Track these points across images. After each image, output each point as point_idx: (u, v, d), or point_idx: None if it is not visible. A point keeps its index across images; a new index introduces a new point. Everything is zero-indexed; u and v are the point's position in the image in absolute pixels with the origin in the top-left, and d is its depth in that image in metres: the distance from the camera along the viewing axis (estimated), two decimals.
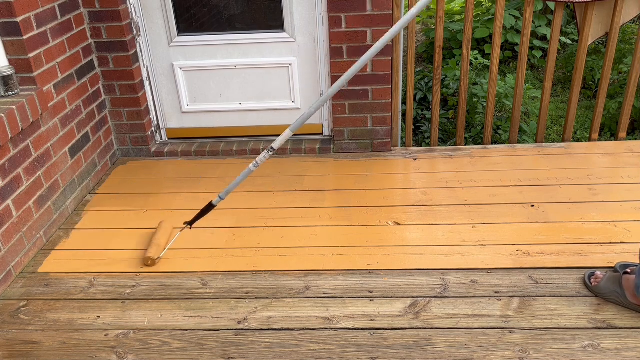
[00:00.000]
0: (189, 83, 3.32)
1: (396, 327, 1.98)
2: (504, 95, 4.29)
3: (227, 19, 3.18)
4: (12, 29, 2.43)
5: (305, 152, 3.30)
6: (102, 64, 3.12)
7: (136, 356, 1.93)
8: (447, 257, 2.32)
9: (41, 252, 2.52)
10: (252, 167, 2.19)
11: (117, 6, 2.96)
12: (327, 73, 3.21)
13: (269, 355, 1.90)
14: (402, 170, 3.06)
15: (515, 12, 5.24)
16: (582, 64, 3.15)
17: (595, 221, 2.51)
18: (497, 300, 2.08)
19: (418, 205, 2.72)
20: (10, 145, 2.35)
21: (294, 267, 2.32)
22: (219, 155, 3.34)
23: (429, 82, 4.54)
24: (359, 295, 2.14)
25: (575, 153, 3.14)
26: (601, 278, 2.08)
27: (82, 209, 2.85)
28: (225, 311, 2.10)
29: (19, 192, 2.40)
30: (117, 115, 3.27)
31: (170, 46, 3.22)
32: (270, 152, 2.16)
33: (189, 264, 2.38)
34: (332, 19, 2.94)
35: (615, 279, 2.03)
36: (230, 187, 2.26)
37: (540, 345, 1.87)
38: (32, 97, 2.44)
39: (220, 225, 2.64)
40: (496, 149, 3.25)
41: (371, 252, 2.39)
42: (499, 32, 3.08)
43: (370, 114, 3.17)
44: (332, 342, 1.93)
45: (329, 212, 2.71)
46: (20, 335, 2.04)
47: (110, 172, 3.22)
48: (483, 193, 2.78)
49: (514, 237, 2.43)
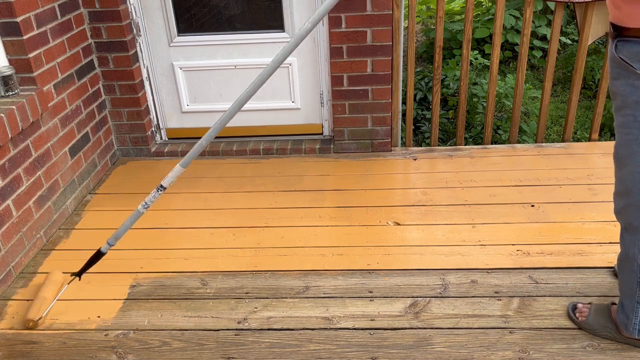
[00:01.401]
0: (189, 83, 3.32)
1: (396, 327, 1.98)
2: (504, 95, 4.29)
3: (227, 19, 3.18)
4: (12, 29, 2.43)
5: (305, 152, 3.30)
6: (102, 64, 3.12)
7: (136, 356, 1.93)
8: (447, 257, 2.32)
9: (41, 252, 2.52)
10: (141, 208, 2.01)
11: (117, 6, 2.96)
12: (327, 73, 3.21)
13: (269, 355, 1.90)
14: (402, 170, 3.06)
15: (515, 12, 5.24)
16: (582, 64, 3.15)
17: (595, 221, 2.51)
18: (497, 300, 2.08)
19: (418, 205, 2.72)
20: (10, 145, 2.35)
21: (294, 267, 2.32)
22: (219, 155, 3.34)
23: (429, 82, 4.54)
24: (359, 295, 2.14)
25: (575, 153, 3.14)
26: (586, 312, 1.92)
27: (82, 209, 2.85)
28: (225, 311, 2.10)
29: (19, 192, 2.40)
30: (117, 115, 3.27)
31: (170, 46, 3.22)
32: (160, 191, 1.98)
33: (189, 264, 2.38)
34: (332, 19, 2.94)
35: (604, 311, 1.89)
36: (119, 232, 2.07)
37: (540, 345, 1.87)
38: (32, 97, 2.44)
39: (220, 225, 2.64)
40: (496, 149, 3.25)
41: (371, 252, 2.39)
42: (499, 32, 3.08)
43: (370, 114, 3.17)
44: (332, 342, 1.93)
45: (329, 212, 2.71)
46: (20, 335, 2.04)
47: (110, 172, 3.22)
48: (483, 193, 2.78)
49: (514, 237, 2.43)
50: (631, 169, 1.64)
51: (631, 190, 1.66)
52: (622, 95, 1.60)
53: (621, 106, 1.62)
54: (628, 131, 1.61)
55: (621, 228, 1.76)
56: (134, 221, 2.04)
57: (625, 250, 1.74)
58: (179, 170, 1.94)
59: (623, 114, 1.61)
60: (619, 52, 1.55)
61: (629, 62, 1.53)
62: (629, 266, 1.74)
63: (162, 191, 1.97)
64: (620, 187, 1.70)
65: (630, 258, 1.72)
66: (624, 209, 1.70)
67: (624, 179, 1.67)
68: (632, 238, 1.71)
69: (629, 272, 1.74)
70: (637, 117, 1.58)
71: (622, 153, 1.66)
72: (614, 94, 1.64)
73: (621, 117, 1.62)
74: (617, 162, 1.70)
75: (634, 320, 1.77)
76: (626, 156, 1.64)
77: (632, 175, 1.64)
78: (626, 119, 1.61)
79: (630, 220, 1.69)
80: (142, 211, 2.01)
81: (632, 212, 1.68)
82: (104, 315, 2.12)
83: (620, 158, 1.67)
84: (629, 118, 1.60)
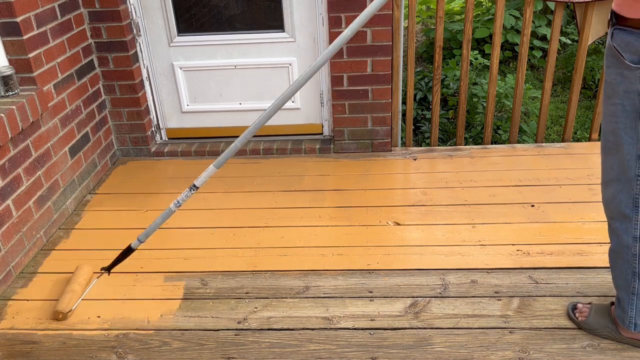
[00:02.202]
0: (188, 83, 3.32)
1: (396, 327, 1.98)
2: (504, 95, 4.29)
3: (227, 19, 3.18)
4: (12, 29, 2.43)
5: (305, 152, 3.30)
6: (102, 64, 3.12)
7: (136, 356, 1.93)
8: (447, 257, 2.32)
9: (41, 252, 2.52)
10: (173, 207, 2.00)
11: (117, 6, 2.96)
12: (327, 73, 3.21)
13: (269, 355, 1.90)
14: (402, 170, 3.06)
15: (515, 12, 5.24)
16: (582, 64, 3.15)
17: (595, 221, 2.51)
18: (497, 300, 2.08)
19: (418, 205, 2.72)
20: (10, 145, 2.35)
21: (294, 267, 2.32)
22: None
23: (429, 82, 4.54)
24: (359, 295, 2.14)
25: (575, 153, 3.14)
26: (586, 312, 1.92)
27: (82, 209, 2.85)
28: (225, 311, 2.10)
29: (19, 192, 2.40)
30: (117, 115, 3.27)
31: (170, 46, 3.22)
32: (193, 191, 1.97)
33: (189, 264, 2.38)
34: (332, 19, 2.94)
35: (604, 311, 1.89)
36: (150, 229, 2.07)
37: (540, 345, 1.87)
38: (32, 97, 2.44)
39: (220, 225, 2.64)
40: (496, 149, 3.25)
41: (371, 252, 2.39)
42: (499, 32, 3.08)
43: (370, 114, 3.17)
44: (332, 342, 1.93)
45: (329, 212, 2.71)
46: (20, 335, 2.04)
47: (110, 172, 3.22)
48: (483, 193, 2.78)
49: (514, 237, 2.43)
50: (620, 157, 1.63)
51: (620, 178, 1.65)
52: (611, 84, 1.60)
53: (610, 95, 1.61)
54: (616, 120, 1.61)
55: (609, 220, 1.75)
56: (165, 219, 2.04)
57: (617, 240, 1.73)
58: (212, 171, 1.96)
59: (612, 102, 1.61)
60: (614, 41, 1.56)
61: (620, 51, 1.54)
62: (623, 256, 1.72)
63: (195, 190, 1.98)
64: (608, 175, 1.69)
65: (624, 247, 1.71)
66: (613, 197, 1.69)
67: (612, 166, 1.67)
68: (624, 227, 1.69)
69: (623, 262, 1.73)
70: (625, 106, 1.58)
71: (610, 141, 1.65)
72: (605, 82, 1.64)
73: (610, 105, 1.62)
74: (604, 150, 1.69)
75: (629, 313, 1.76)
76: (614, 144, 1.64)
77: (620, 163, 1.63)
78: (615, 108, 1.60)
79: (621, 208, 1.68)
80: (174, 209, 2.01)
81: (622, 200, 1.66)
82: (104, 315, 2.12)
83: (608, 146, 1.66)
84: (618, 107, 1.59)
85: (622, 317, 1.79)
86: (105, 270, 2.16)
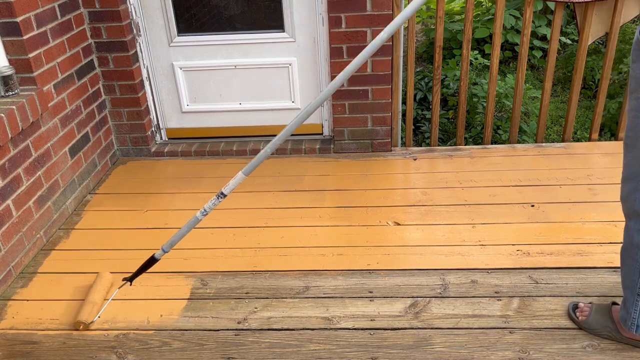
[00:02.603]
0: (188, 83, 3.32)
1: (396, 327, 1.98)
2: (504, 95, 4.29)
3: (227, 19, 3.18)
4: (12, 29, 2.43)
5: (305, 152, 3.30)
6: (102, 64, 3.12)
7: (136, 356, 1.93)
8: (447, 257, 2.32)
9: (41, 252, 2.52)
10: (199, 215, 1.97)
11: (117, 6, 2.96)
12: (327, 73, 3.21)
13: (269, 355, 1.90)
14: (402, 170, 3.06)
15: (515, 12, 5.24)
16: (582, 64, 3.15)
17: (595, 221, 2.51)
18: (497, 300, 2.08)
19: (418, 205, 2.72)
20: (10, 145, 2.35)
21: (294, 267, 2.32)
22: (219, 155, 3.34)
23: (429, 82, 4.54)
24: (359, 295, 2.14)
25: (575, 153, 3.14)
26: (587, 311, 1.92)
27: (82, 209, 2.85)
28: (225, 311, 2.10)
29: (19, 192, 2.40)
30: (117, 115, 3.27)
31: (170, 46, 3.22)
32: (221, 199, 1.93)
33: (189, 264, 2.38)
34: (332, 18, 2.94)
35: (604, 311, 1.89)
36: (175, 238, 2.05)
37: (540, 345, 1.87)
38: (32, 97, 2.44)
39: (220, 225, 2.64)
40: (496, 149, 3.25)
41: (371, 252, 2.39)
42: (499, 32, 3.08)
43: (370, 114, 3.17)
44: (332, 342, 1.93)
45: (329, 212, 2.71)
46: (20, 335, 2.04)
47: (110, 172, 3.22)
48: (483, 193, 2.78)
49: (514, 237, 2.43)
50: (638, 154, 1.60)
51: (637, 175, 1.62)
52: (636, 78, 1.58)
53: (634, 89, 1.59)
54: (637, 114, 1.58)
55: (625, 218, 1.72)
56: (191, 228, 2.00)
57: (629, 239, 1.70)
58: (240, 178, 1.91)
59: (635, 97, 1.59)
60: None
61: None
62: (632, 255, 1.70)
63: (223, 198, 1.93)
64: (627, 171, 1.66)
65: (634, 246, 1.68)
66: (628, 195, 1.66)
67: (630, 163, 1.64)
68: (637, 225, 1.66)
69: (632, 261, 1.70)
70: None
71: (630, 137, 1.62)
72: (630, 76, 1.62)
73: (634, 100, 1.59)
74: (625, 146, 1.66)
75: (633, 314, 1.75)
76: (633, 140, 1.61)
77: (638, 160, 1.60)
78: (637, 102, 1.58)
79: (635, 206, 1.65)
80: (200, 218, 1.97)
81: (637, 198, 1.63)
82: (104, 315, 2.12)
83: (628, 142, 1.63)
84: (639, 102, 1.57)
85: (625, 318, 1.78)
86: (127, 280, 2.14)
